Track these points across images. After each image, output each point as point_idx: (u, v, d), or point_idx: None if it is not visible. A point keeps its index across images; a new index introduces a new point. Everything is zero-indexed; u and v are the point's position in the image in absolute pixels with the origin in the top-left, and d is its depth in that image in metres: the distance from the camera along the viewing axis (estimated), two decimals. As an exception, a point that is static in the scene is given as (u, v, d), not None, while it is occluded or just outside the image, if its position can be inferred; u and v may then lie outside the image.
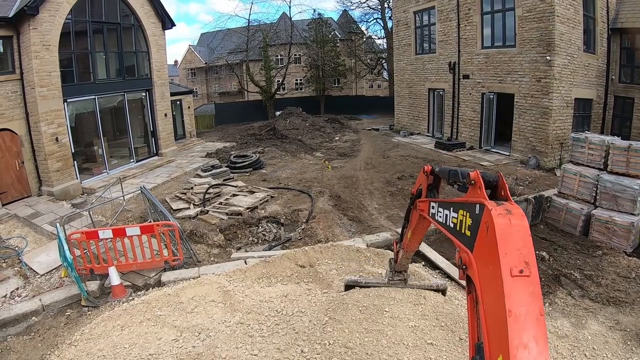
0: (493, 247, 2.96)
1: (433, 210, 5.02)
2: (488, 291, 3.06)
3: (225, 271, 10.89)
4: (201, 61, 65.70)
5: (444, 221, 4.45)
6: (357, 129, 36.47)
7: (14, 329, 9.69)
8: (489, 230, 3.07)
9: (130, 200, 16.94)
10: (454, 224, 4.01)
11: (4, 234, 14.58)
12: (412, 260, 11.05)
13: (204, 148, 29.42)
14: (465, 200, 3.76)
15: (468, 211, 3.62)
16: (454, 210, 4.10)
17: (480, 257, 3.27)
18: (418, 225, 6.38)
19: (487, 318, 3.03)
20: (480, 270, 3.24)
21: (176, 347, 7.57)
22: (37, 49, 17.35)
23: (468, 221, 3.59)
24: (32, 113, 17.88)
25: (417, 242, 7.01)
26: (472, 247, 3.42)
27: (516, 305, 2.73)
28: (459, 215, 3.86)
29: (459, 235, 3.82)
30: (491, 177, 3.67)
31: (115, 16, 22.16)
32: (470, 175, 3.70)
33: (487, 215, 3.15)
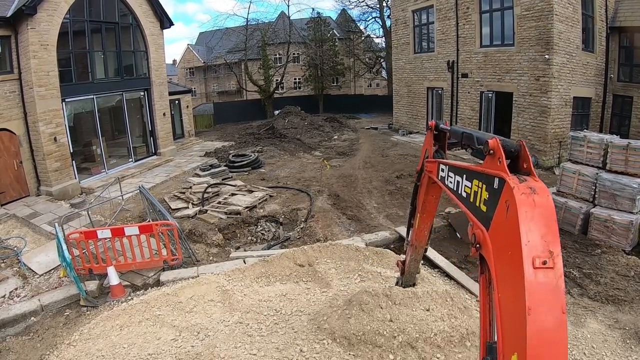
0: (513, 232, 2.67)
1: (443, 174, 4.66)
2: (505, 280, 2.81)
3: (224, 270, 10.90)
4: (200, 60, 65.64)
5: (455, 188, 4.14)
6: (356, 128, 36.48)
7: (13, 329, 9.69)
8: (510, 211, 2.77)
9: (129, 199, 16.93)
10: (467, 194, 3.70)
11: (3, 234, 14.56)
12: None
13: (203, 147, 29.40)
14: (482, 170, 3.37)
15: (484, 183, 3.31)
16: (467, 178, 3.78)
17: (497, 238, 3.00)
18: (427, 197, 5.97)
19: (503, 311, 2.81)
20: (497, 254, 2.97)
21: (175, 346, 7.57)
22: (35, 49, 17.32)
23: (484, 194, 3.28)
24: (31, 113, 17.84)
25: (428, 227, 6.47)
26: (487, 225, 3.13)
27: (537, 302, 2.48)
28: (473, 186, 3.56)
29: (473, 208, 3.52)
30: (512, 146, 3.19)
31: (113, 16, 22.13)
32: (489, 144, 3.21)
33: (507, 192, 2.84)
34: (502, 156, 3.06)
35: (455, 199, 4.08)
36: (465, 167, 3.91)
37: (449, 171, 4.41)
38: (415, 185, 6.40)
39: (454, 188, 4.13)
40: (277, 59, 55.81)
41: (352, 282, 9.96)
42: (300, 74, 56.69)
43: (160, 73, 25.54)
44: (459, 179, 3.98)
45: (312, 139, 30.38)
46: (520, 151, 3.16)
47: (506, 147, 3.14)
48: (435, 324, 7.35)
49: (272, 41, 52.61)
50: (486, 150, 3.23)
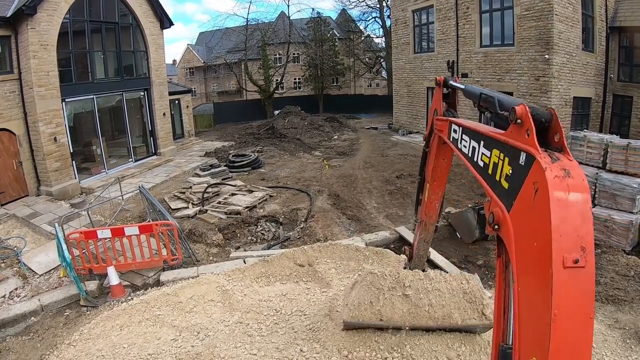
0: (542, 221, 2.35)
1: (455, 135, 4.28)
2: (528, 275, 2.51)
3: (224, 270, 10.90)
4: (200, 60, 65.64)
5: (469, 154, 3.74)
6: (356, 127, 36.49)
7: (13, 329, 9.68)
8: (539, 196, 2.42)
9: (129, 199, 16.93)
10: (485, 164, 3.31)
11: (3, 234, 14.56)
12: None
13: (203, 147, 29.40)
14: (505, 140, 2.97)
15: (507, 156, 2.92)
16: (485, 146, 3.37)
17: (520, 223, 2.67)
18: (438, 161, 5.51)
19: (522, 307, 2.56)
20: (520, 242, 2.66)
21: (175, 346, 7.58)
22: (35, 49, 17.33)
23: (506, 169, 2.90)
24: (31, 113, 17.85)
25: (439, 199, 6.02)
26: (509, 205, 2.80)
27: (564, 308, 2.22)
28: (493, 156, 3.17)
29: (491, 182, 3.14)
30: (543, 115, 2.76)
31: (113, 16, 22.13)
32: (516, 111, 2.77)
33: (537, 173, 2.47)
34: (531, 128, 2.66)
35: (468, 165, 3.75)
36: (483, 132, 3.49)
37: (462, 134, 4.06)
38: (424, 152, 5.97)
39: (468, 154, 3.77)
40: (277, 59, 55.81)
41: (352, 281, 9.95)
42: (300, 74, 56.68)
43: (160, 73, 25.55)
44: (475, 144, 3.62)
45: (312, 139, 30.39)
46: (551, 121, 2.75)
47: (536, 116, 2.73)
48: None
49: (272, 41, 52.58)
50: (512, 118, 2.83)
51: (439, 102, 5.24)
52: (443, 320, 6.63)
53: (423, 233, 6.60)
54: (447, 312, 6.64)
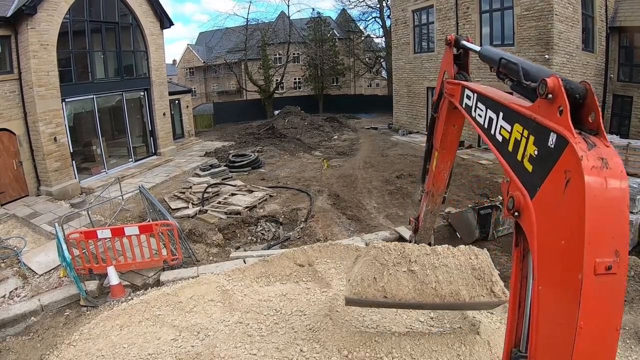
0: (573, 217, 2.07)
1: (469, 102, 3.86)
2: (552, 276, 2.27)
3: (224, 270, 10.90)
4: (200, 60, 65.64)
5: (485, 125, 3.35)
6: (356, 127, 36.52)
7: (13, 329, 9.69)
8: (571, 189, 2.11)
9: (129, 199, 16.93)
10: (504, 139, 2.96)
11: (3, 234, 14.56)
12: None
13: (203, 147, 29.41)
14: (531, 115, 2.60)
15: (533, 134, 2.57)
16: (505, 118, 2.99)
17: (545, 215, 2.37)
18: (448, 128, 5.13)
19: (542, 310, 2.34)
20: (543, 235, 2.37)
21: (175, 346, 7.57)
22: (35, 49, 17.34)
23: (531, 149, 2.56)
24: (31, 113, 17.86)
25: (448, 168, 5.65)
26: (532, 190, 2.51)
27: (592, 318, 2.01)
28: (514, 131, 2.80)
29: (512, 161, 2.81)
30: (577, 90, 2.38)
31: (113, 15, 22.14)
32: (547, 84, 2.42)
33: (570, 161, 2.14)
34: (565, 105, 2.30)
35: (483, 137, 3.37)
36: (504, 103, 3.06)
37: (478, 101, 3.65)
38: (432, 117, 5.57)
39: (484, 125, 3.37)
40: (277, 59, 55.80)
41: (352, 281, 9.94)
42: (300, 74, 56.69)
43: (160, 73, 25.56)
44: (493, 115, 3.22)
45: (312, 139, 30.41)
46: (585, 97, 2.38)
47: (569, 90, 2.37)
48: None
49: (272, 41, 52.57)
50: (542, 92, 2.48)
51: (450, 64, 4.85)
52: (450, 298, 6.19)
53: (430, 204, 6.30)
54: (454, 289, 6.19)
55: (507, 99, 3.04)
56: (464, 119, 4.61)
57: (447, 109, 4.92)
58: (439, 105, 5.15)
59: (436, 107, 5.21)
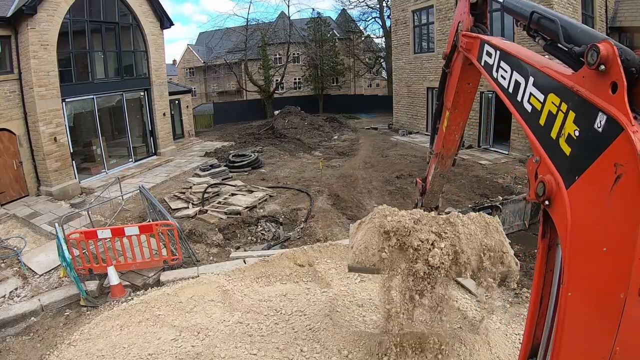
0: (622, 223, 1.74)
1: (489, 60, 3.39)
2: (586, 286, 1.99)
3: (224, 270, 10.89)
4: (199, 60, 65.66)
5: (509, 89, 2.93)
6: (356, 128, 36.54)
7: (13, 329, 9.66)
8: (624, 188, 1.76)
9: (129, 200, 16.93)
10: (534, 109, 2.54)
11: (3, 234, 14.57)
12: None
13: (203, 147, 29.42)
14: (573, 87, 2.18)
15: (574, 110, 2.16)
16: (537, 85, 2.57)
17: (584, 211, 2.02)
18: (462, 86, 4.54)
19: (570, 327, 2.07)
20: (579, 236, 2.03)
21: (175, 346, 7.58)
22: (35, 49, 17.34)
23: (570, 127, 2.17)
24: (31, 113, 17.86)
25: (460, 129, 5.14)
26: (569, 179, 2.14)
27: (629, 343, 1.77)
28: (548, 102, 2.38)
29: (542, 137, 2.43)
30: (634, 61, 2.02)
31: (113, 16, 22.16)
32: (600, 50, 2.01)
33: (625, 153, 1.76)
34: (622, 82, 1.88)
35: (506, 101, 2.96)
36: (536, 66, 2.63)
37: (501, 60, 3.18)
38: (443, 72, 5.01)
39: (508, 89, 2.94)
40: (277, 59, 55.83)
41: (352, 282, 9.94)
42: (300, 74, 56.68)
43: (160, 73, 25.57)
44: (520, 79, 2.80)
45: (312, 139, 30.43)
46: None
47: (625, 62, 1.97)
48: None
49: (272, 41, 52.64)
50: (593, 62, 2.03)
51: (466, 13, 4.19)
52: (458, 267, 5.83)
53: (439, 167, 5.83)
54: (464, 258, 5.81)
55: (541, 62, 2.64)
56: (480, 76, 4.18)
57: (462, 65, 4.38)
58: (452, 59, 4.65)
59: (448, 61, 4.71)
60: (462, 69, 4.35)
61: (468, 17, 4.15)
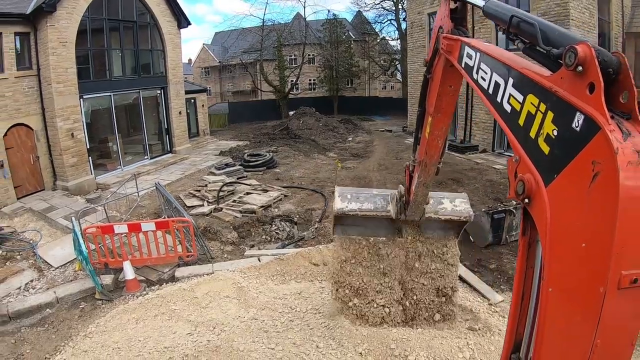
0: (600, 220, 1.80)
1: (470, 62, 3.38)
2: (565, 282, 2.02)
3: (239, 268, 10.92)
4: (215, 60, 65.87)
5: (489, 90, 2.91)
6: (370, 130, 36.48)
7: (28, 320, 9.77)
8: (600, 186, 1.81)
9: (145, 196, 17.03)
10: (513, 109, 2.56)
11: (19, 227, 14.73)
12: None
13: (218, 146, 29.53)
14: (551, 87, 2.19)
15: (552, 110, 2.18)
16: (517, 86, 2.58)
17: (563, 208, 2.06)
18: (443, 89, 4.45)
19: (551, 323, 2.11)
20: (558, 233, 2.07)
21: (191, 340, 7.60)
22: (54, 46, 17.54)
23: (549, 127, 2.18)
24: (48, 109, 18.07)
25: (442, 134, 4.98)
26: (548, 177, 2.16)
27: (609, 335, 1.83)
28: (528, 103, 2.40)
29: (522, 137, 2.45)
30: (611, 63, 2.02)
31: (131, 14, 22.35)
32: (578, 52, 2.00)
33: (602, 152, 1.81)
34: (598, 82, 1.91)
35: (486, 103, 2.92)
36: (515, 68, 2.65)
37: (481, 62, 3.15)
38: (425, 78, 4.87)
39: (488, 90, 2.92)
40: (292, 59, 55.90)
41: (366, 282, 9.94)
42: (315, 75, 56.75)
43: (177, 72, 25.76)
44: (500, 80, 2.78)
45: (326, 140, 30.41)
46: (619, 73, 2.00)
47: (602, 64, 1.99)
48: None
49: (288, 42, 52.66)
50: (571, 63, 2.04)
51: (446, 18, 4.20)
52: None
53: (422, 175, 5.64)
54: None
55: (519, 64, 2.65)
56: (461, 78, 4.16)
57: (444, 67, 4.28)
58: (433, 64, 4.54)
59: (429, 66, 4.59)
60: (444, 72, 4.31)
61: (448, 21, 4.17)
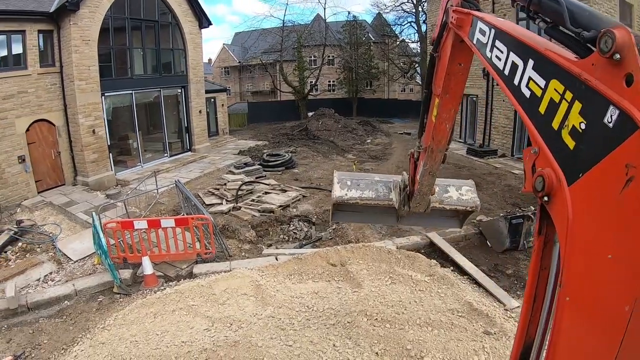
0: (631, 230, 1.54)
1: (482, 38, 2.97)
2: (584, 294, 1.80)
3: (256, 266, 10.94)
4: (235, 60, 66.04)
5: (505, 71, 2.56)
6: (389, 132, 36.36)
7: (46, 312, 9.90)
8: (635, 192, 1.54)
9: (164, 193, 17.15)
10: (533, 95, 2.23)
11: (39, 220, 14.91)
12: (440, 264, 11.02)
13: (237, 146, 29.66)
14: (580, 74, 1.86)
15: (580, 100, 1.86)
16: (538, 69, 2.21)
17: (588, 214, 1.80)
18: (452, 67, 3.99)
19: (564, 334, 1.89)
20: (580, 238, 1.81)
21: (208, 336, 7.62)
22: (77, 44, 17.77)
23: (575, 119, 1.87)
24: (70, 105, 18.31)
25: (450, 118, 4.45)
26: (572, 175, 1.88)
27: (632, 356, 1.61)
28: (550, 89, 2.06)
29: (542, 126, 2.16)
30: None
31: (153, 14, 22.55)
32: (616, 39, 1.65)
33: (639, 154, 1.54)
34: (639, 74, 1.59)
35: (501, 84, 2.61)
36: (537, 49, 2.24)
37: (495, 39, 2.75)
38: (431, 57, 4.45)
39: (504, 71, 2.59)
40: (312, 60, 55.91)
41: (383, 283, 9.89)
42: (334, 76, 56.65)
43: (197, 71, 25.93)
44: (518, 61, 2.42)
45: (345, 142, 30.39)
46: None
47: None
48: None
49: (308, 43, 52.60)
50: (607, 49, 1.71)
51: None
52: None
53: (429, 163, 5.04)
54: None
55: (542, 44, 2.23)
56: (472, 55, 3.72)
57: (452, 43, 3.83)
58: (441, 41, 4.09)
59: (436, 45, 4.16)
60: (453, 48, 3.84)
61: None
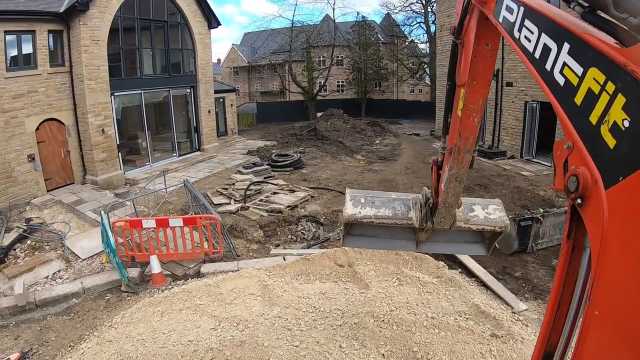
0: None
1: (510, 17, 2.66)
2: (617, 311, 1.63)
3: (264, 266, 10.94)
4: (244, 60, 66.07)
5: (534, 53, 2.29)
6: (398, 133, 36.30)
7: (54, 309, 9.96)
8: None
9: (172, 193, 17.21)
10: (568, 82, 1.98)
11: (48, 219, 14.98)
12: (448, 266, 10.98)
13: (245, 146, 29.71)
14: (625, 64, 1.61)
15: (624, 94, 1.61)
16: (574, 54, 1.95)
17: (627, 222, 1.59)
18: (479, 48, 3.46)
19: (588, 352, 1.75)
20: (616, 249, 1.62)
21: (215, 335, 7.63)
22: (86, 44, 17.88)
23: (617, 114, 1.64)
24: (80, 105, 18.41)
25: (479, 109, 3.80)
26: (610, 178, 1.68)
27: None
28: (588, 78, 1.83)
29: (579, 119, 1.91)
30: None
31: (162, 14, 22.63)
32: None
33: None
34: None
35: (529, 67, 2.36)
36: (574, 31, 1.96)
37: (525, 17, 2.45)
38: (453, 46, 3.91)
39: (534, 54, 2.30)
40: (321, 61, 55.87)
41: (390, 284, 9.87)
42: (343, 77, 56.54)
43: (206, 71, 26.01)
44: (551, 44, 2.13)
45: (354, 143, 30.36)
46: None
47: None
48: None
49: (317, 43, 52.58)
50: None
51: None
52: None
53: (455, 166, 4.27)
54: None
55: (580, 27, 1.95)
56: (500, 35, 3.26)
57: (477, 22, 3.38)
58: (463, 26, 3.65)
59: (458, 31, 3.70)
60: (478, 28, 3.39)
61: None
